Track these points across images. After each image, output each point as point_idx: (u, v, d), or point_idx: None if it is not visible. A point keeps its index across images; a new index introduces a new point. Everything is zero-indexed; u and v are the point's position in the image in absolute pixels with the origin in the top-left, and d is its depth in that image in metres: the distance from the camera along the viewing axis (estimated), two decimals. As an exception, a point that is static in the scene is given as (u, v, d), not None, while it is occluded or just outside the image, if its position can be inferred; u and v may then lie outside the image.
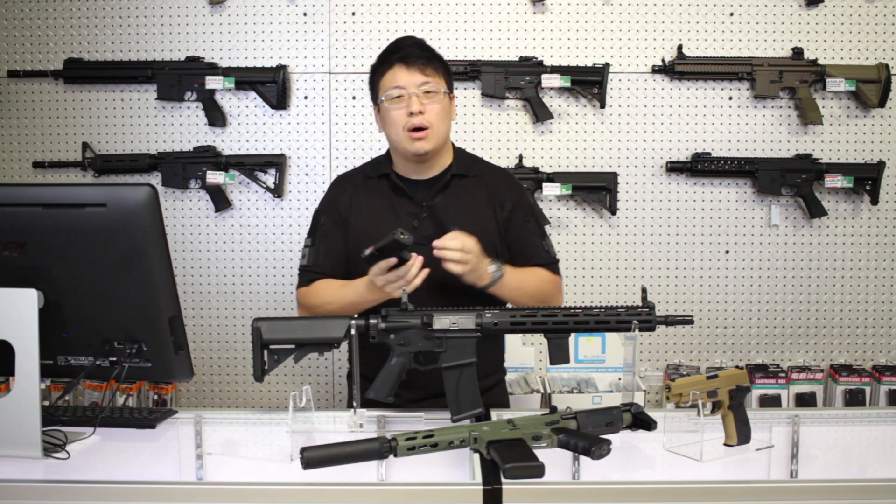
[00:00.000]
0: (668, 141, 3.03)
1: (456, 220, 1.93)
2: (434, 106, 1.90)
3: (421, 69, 1.89)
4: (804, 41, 2.98)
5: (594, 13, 3.00)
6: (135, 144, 3.03)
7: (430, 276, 1.87)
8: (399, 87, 1.89)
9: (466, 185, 1.99)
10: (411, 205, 1.96)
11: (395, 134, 1.92)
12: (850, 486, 1.41)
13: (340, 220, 1.98)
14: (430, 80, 1.90)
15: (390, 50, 1.95)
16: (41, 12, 3.00)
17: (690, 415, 1.59)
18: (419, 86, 1.89)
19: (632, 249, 3.06)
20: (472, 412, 1.62)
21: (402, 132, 1.90)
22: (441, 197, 1.97)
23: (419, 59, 1.90)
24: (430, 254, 1.86)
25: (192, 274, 3.06)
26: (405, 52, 1.91)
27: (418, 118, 1.88)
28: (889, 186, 3.02)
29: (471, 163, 2.05)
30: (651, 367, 3.08)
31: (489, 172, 2.06)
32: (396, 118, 1.90)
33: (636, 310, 1.65)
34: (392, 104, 1.90)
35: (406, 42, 1.94)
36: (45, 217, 1.52)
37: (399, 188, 1.97)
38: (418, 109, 1.87)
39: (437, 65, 1.93)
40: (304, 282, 1.98)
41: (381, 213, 1.96)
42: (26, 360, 1.47)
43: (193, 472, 1.54)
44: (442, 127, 1.92)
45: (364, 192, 2.00)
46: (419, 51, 1.92)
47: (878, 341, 3.09)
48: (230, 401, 3.11)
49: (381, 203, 1.97)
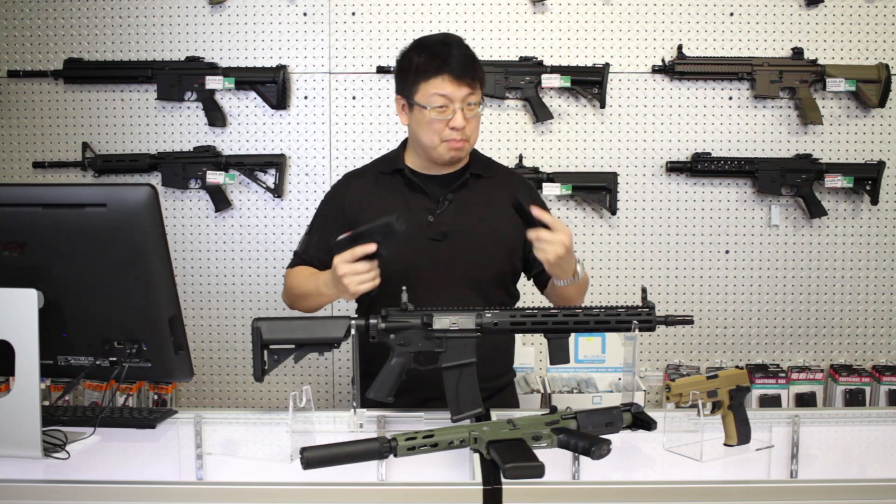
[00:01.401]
0: (668, 141, 3.03)
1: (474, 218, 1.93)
2: (474, 120, 1.89)
3: (469, 83, 1.86)
4: (804, 41, 2.98)
5: (594, 13, 3.00)
6: (135, 144, 3.03)
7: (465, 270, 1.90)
8: (445, 97, 1.85)
9: (484, 184, 1.99)
10: (426, 200, 1.94)
11: (429, 140, 1.89)
12: (850, 486, 1.41)
13: (341, 215, 1.98)
14: (475, 92, 1.87)
15: (437, 55, 1.87)
16: (41, 12, 3.00)
17: (690, 415, 1.59)
18: (464, 99, 1.86)
19: (632, 249, 3.06)
20: (472, 412, 1.62)
21: (438, 140, 1.88)
22: (458, 194, 1.96)
23: (468, 73, 1.86)
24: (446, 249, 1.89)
25: (192, 274, 3.06)
26: (457, 62, 1.85)
27: (460, 133, 1.86)
28: (889, 186, 3.02)
29: (487, 164, 2.04)
30: (651, 367, 3.08)
31: (505, 175, 2.06)
32: (437, 128, 1.87)
33: (636, 310, 1.65)
34: (436, 114, 1.86)
35: (456, 51, 1.87)
36: (45, 217, 1.51)
37: (414, 184, 1.95)
38: (462, 125, 1.85)
39: (481, 76, 1.90)
40: (291, 264, 2.02)
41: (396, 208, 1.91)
42: (26, 360, 1.47)
43: (193, 472, 1.54)
44: (476, 137, 1.93)
45: (376, 189, 1.98)
46: (469, 63, 1.87)
47: (878, 341, 3.09)
48: (230, 401, 3.11)
49: (395, 198, 1.96)
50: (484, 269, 1.92)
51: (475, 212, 1.94)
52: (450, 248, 1.90)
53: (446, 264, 1.90)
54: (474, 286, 1.91)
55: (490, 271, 1.93)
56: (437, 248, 1.90)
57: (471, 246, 1.91)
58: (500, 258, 1.94)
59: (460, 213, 1.93)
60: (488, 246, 1.92)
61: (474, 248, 1.91)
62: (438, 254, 1.90)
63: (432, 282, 1.85)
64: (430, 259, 1.89)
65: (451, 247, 1.90)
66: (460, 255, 1.90)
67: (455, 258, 1.90)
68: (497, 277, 1.95)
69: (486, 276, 1.93)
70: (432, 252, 1.90)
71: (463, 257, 1.90)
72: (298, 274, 1.95)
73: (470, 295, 1.89)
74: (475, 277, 1.92)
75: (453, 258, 1.90)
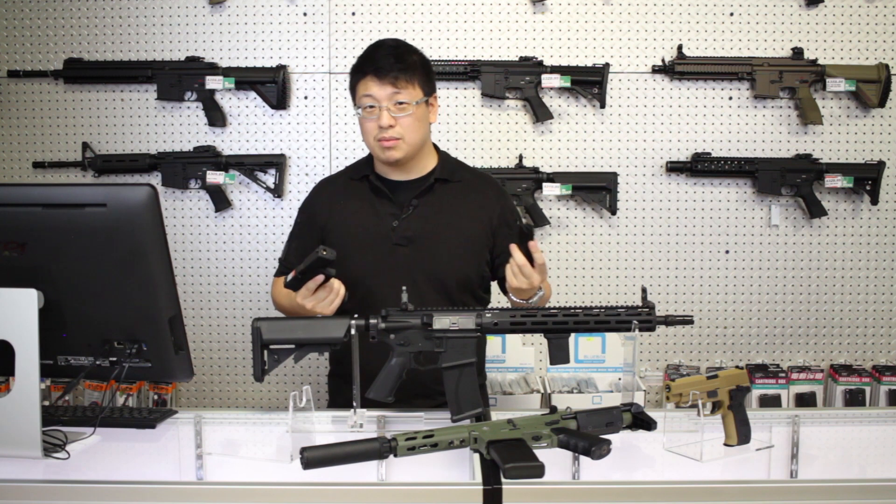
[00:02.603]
0: (668, 141, 3.03)
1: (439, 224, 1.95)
2: (405, 119, 1.90)
3: (393, 82, 1.88)
4: (804, 41, 2.98)
5: (594, 13, 3.00)
6: (135, 144, 3.03)
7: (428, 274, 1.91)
8: (370, 97, 1.90)
9: (450, 189, 2.00)
10: (391, 205, 1.98)
11: (367, 142, 1.96)
12: (850, 486, 1.41)
13: (314, 222, 2.03)
14: (401, 91, 1.89)
15: (365, 57, 1.93)
16: (41, 12, 3.00)
17: (690, 415, 1.59)
18: (390, 98, 1.89)
19: (632, 249, 3.06)
20: (472, 412, 1.62)
21: (373, 141, 1.93)
22: (423, 199, 1.98)
23: (391, 72, 1.88)
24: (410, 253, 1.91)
25: (192, 274, 3.06)
26: (378, 63, 1.89)
27: (388, 132, 1.89)
28: (889, 186, 3.02)
29: (455, 168, 2.05)
30: (651, 367, 3.08)
31: (475, 179, 2.07)
32: (368, 129, 1.93)
33: (636, 310, 1.65)
34: (365, 114, 1.92)
35: (381, 52, 1.92)
36: (45, 217, 1.51)
37: (379, 189, 1.99)
38: (388, 123, 1.89)
39: (410, 74, 1.90)
40: (278, 273, 2.10)
41: (362, 214, 1.99)
42: (26, 360, 1.47)
43: (193, 472, 1.54)
44: (414, 136, 1.93)
45: (345, 194, 2.03)
46: (392, 62, 1.89)
47: (878, 341, 3.09)
48: (230, 401, 3.11)
49: (362, 204, 2.00)
50: (448, 273, 1.94)
51: (440, 217, 1.96)
52: (414, 252, 1.93)
53: (409, 269, 1.92)
54: (440, 290, 1.93)
55: (454, 275, 1.95)
56: (400, 252, 1.93)
57: (435, 250, 1.93)
58: (466, 263, 1.95)
59: (425, 218, 1.95)
60: (453, 250, 1.94)
61: (439, 253, 1.93)
62: (402, 258, 1.93)
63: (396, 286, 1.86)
64: (394, 263, 1.92)
65: (416, 252, 1.93)
66: (424, 259, 1.93)
67: (418, 263, 1.92)
68: (462, 282, 1.96)
69: (450, 281, 1.94)
70: (396, 257, 1.93)
71: (426, 262, 1.93)
72: (281, 290, 1.98)
73: (436, 300, 1.91)
74: (440, 281, 1.94)
75: (416, 263, 1.92)
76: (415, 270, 1.92)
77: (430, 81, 1.97)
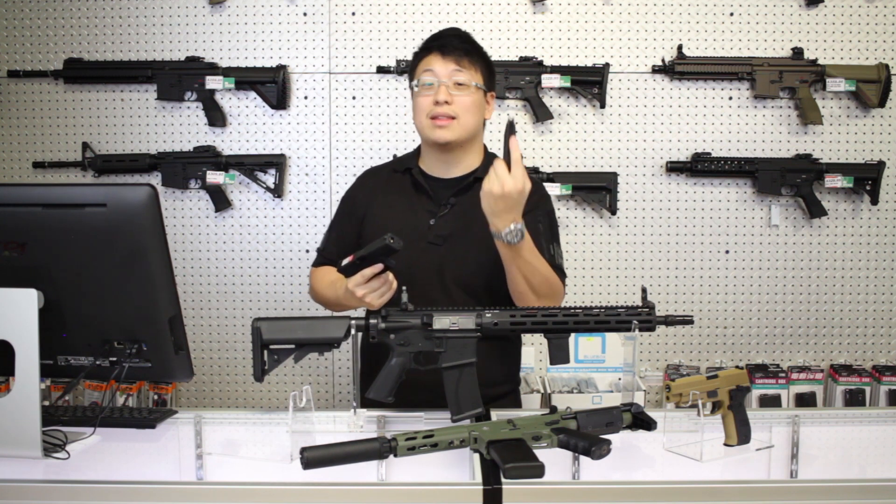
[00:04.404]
0: (668, 141, 3.03)
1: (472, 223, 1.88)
2: (463, 98, 1.86)
3: (456, 59, 1.87)
4: (804, 41, 2.98)
5: (594, 13, 3.00)
6: (135, 144, 3.03)
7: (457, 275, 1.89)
8: (431, 72, 1.87)
9: None
10: (430, 203, 1.94)
11: (419, 121, 1.90)
12: (850, 486, 1.41)
13: (355, 212, 1.99)
14: (463, 71, 1.87)
15: (433, 37, 1.93)
16: (41, 12, 3.00)
17: (690, 415, 1.59)
18: (450, 75, 1.86)
19: (632, 249, 3.06)
20: (472, 412, 1.62)
21: (425, 119, 1.88)
22: (461, 198, 1.94)
23: (456, 50, 1.87)
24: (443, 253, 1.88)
25: (192, 274, 3.06)
26: (444, 41, 1.89)
27: (443, 107, 1.85)
28: (889, 186, 3.02)
29: None
30: (651, 367, 3.08)
31: None
32: (422, 105, 1.88)
33: (636, 310, 1.65)
34: (422, 90, 1.88)
35: (448, 32, 1.93)
36: (45, 217, 1.51)
37: (419, 185, 1.95)
38: (444, 99, 1.84)
39: (475, 58, 1.90)
40: (316, 263, 2.04)
41: (400, 209, 1.95)
42: (26, 360, 1.47)
43: (193, 472, 1.54)
44: (469, 120, 1.88)
45: (386, 187, 1.99)
46: (458, 41, 1.89)
47: (878, 341, 3.09)
48: (230, 401, 3.11)
49: (400, 199, 1.96)
50: (476, 275, 1.91)
51: (474, 218, 1.90)
52: (447, 252, 1.90)
53: (442, 268, 1.89)
54: (469, 291, 1.90)
55: (481, 278, 1.91)
56: (434, 251, 1.90)
57: (464, 251, 1.90)
58: (492, 265, 1.89)
59: (460, 218, 1.92)
60: (481, 252, 1.89)
61: (468, 254, 1.90)
62: (435, 258, 1.89)
63: (428, 285, 1.85)
64: (428, 262, 1.89)
65: (449, 251, 1.90)
66: (455, 259, 1.90)
67: (450, 263, 1.90)
68: (488, 284, 1.91)
69: (478, 283, 1.91)
70: (430, 255, 1.89)
71: (457, 262, 1.90)
72: (322, 278, 1.95)
73: (464, 300, 1.88)
74: (468, 283, 1.90)
75: (448, 262, 1.89)
76: (446, 270, 1.89)
77: (491, 77, 1.95)
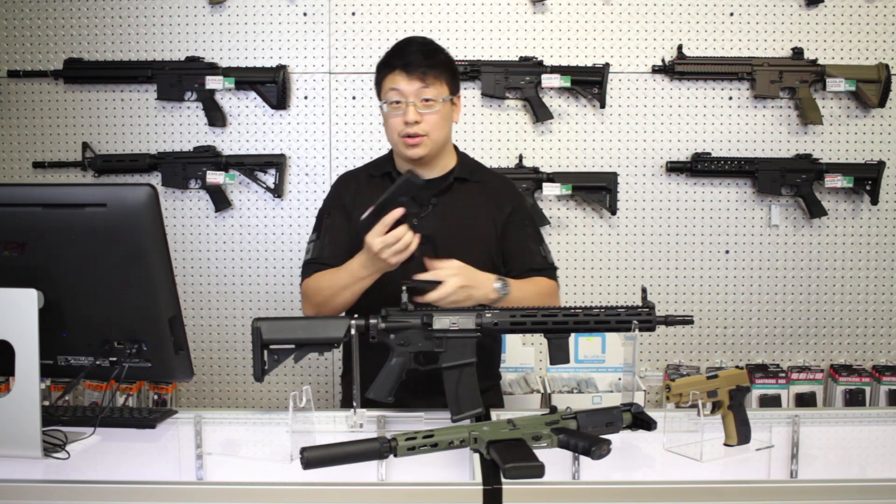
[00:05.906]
0: (668, 141, 3.03)
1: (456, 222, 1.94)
2: (431, 116, 1.90)
3: (421, 77, 1.89)
4: (804, 41, 2.98)
5: (594, 13, 3.00)
6: (135, 144, 3.03)
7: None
8: (397, 91, 1.90)
9: (468, 189, 2.00)
10: (411, 204, 1.95)
11: (391, 138, 1.96)
12: (850, 486, 1.41)
13: (346, 213, 2.00)
14: (429, 87, 1.89)
15: (395, 52, 1.94)
16: (41, 12, 3.00)
17: (690, 415, 1.59)
18: (417, 94, 1.89)
19: (632, 249, 3.06)
20: (472, 412, 1.62)
21: (397, 138, 1.92)
22: (442, 198, 1.97)
23: (420, 67, 1.89)
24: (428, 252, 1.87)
25: (192, 274, 3.06)
26: (407, 58, 1.90)
27: (413, 127, 1.89)
28: (889, 186, 3.02)
29: (474, 168, 2.06)
30: (651, 367, 3.08)
31: (491, 179, 2.07)
32: (393, 125, 1.92)
33: (636, 310, 1.65)
34: (391, 109, 1.92)
35: (411, 47, 1.93)
36: (45, 217, 1.51)
37: None
38: (414, 119, 1.88)
39: (438, 71, 1.92)
40: (307, 274, 1.98)
41: None
42: (26, 360, 1.47)
43: (193, 472, 1.54)
44: (439, 134, 1.93)
45: (366, 191, 2.00)
46: (421, 58, 1.90)
47: (878, 341, 3.09)
48: (230, 401, 3.11)
49: None
50: None
51: (456, 216, 1.95)
52: (432, 252, 1.91)
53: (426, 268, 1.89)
54: None
55: None
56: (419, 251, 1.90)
57: (450, 250, 1.90)
58: (480, 263, 1.91)
59: (443, 218, 1.94)
60: (468, 250, 1.91)
61: (455, 252, 1.90)
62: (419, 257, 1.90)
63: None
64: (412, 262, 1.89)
65: (434, 251, 1.91)
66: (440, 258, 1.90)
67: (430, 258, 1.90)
68: None
69: None
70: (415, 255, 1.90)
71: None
72: (322, 277, 1.93)
73: None
74: None
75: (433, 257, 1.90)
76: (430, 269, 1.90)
77: (455, 80, 1.97)
